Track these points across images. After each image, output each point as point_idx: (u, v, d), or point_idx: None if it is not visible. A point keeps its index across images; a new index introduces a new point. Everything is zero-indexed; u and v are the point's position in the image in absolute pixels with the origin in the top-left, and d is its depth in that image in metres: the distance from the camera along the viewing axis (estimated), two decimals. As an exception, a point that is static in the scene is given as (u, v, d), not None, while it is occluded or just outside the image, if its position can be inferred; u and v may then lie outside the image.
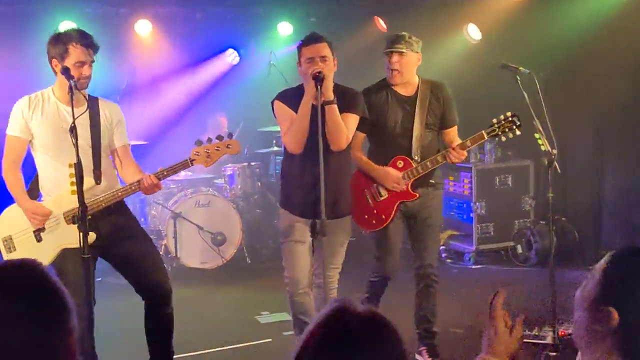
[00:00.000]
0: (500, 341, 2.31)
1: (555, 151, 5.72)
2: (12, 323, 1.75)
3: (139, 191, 4.83)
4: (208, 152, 4.82)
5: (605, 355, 2.03)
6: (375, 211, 5.56)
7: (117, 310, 6.73)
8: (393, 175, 5.48)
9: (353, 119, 5.12)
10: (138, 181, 4.75)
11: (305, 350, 1.71)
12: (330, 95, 4.91)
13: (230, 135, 4.88)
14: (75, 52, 4.64)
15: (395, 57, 5.48)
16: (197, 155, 4.81)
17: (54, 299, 1.84)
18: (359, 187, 5.58)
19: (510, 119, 5.53)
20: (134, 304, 5.08)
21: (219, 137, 4.84)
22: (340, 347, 1.69)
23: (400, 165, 5.52)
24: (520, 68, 5.89)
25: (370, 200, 5.59)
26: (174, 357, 5.16)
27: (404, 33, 5.56)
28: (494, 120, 5.55)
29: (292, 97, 5.12)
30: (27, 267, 1.87)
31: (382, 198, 5.56)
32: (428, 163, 5.47)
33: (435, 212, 5.71)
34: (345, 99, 5.09)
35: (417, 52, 5.57)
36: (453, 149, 5.43)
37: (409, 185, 5.51)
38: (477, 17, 9.06)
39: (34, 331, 1.77)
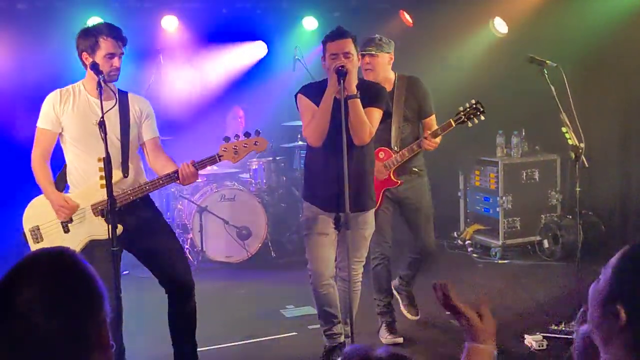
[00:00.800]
0: (478, 328, 2.33)
1: (582, 145, 5.70)
2: (48, 309, 1.77)
3: (176, 182, 4.88)
4: (236, 149, 4.87)
5: (620, 353, 1.99)
6: None
7: (143, 303, 6.76)
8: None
9: (377, 113, 5.14)
10: (175, 171, 4.80)
11: None
12: (353, 90, 4.93)
13: (257, 133, 4.91)
14: (105, 45, 4.72)
15: (367, 59, 5.83)
16: (225, 151, 4.86)
17: (88, 287, 1.86)
18: None
19: (474, 105, 5.97)
20: (160, 297, 5.11)
21: (247, 134, 4.89)
22: None
23: (381, 156, 5.97)
24: (547, 61, 5.88)
25: None
26: (199, 350, 5.20)
27: (375, 36, 5.95)
28: (460, 108, 5.99)
29: (315, 91, 5.15)
30: (62, 255, 1.89)
31: None
32: (405, 152, 5.97)
33: (421, 196, 6.17)
34: (369, 94, 5.12)
35: (389, 52, 5.95)
36: (426, 137, 5.93)
37: (391, 174, 6.01)
38: (503, 11, 8.99)
39: (69, 317, 1.79)
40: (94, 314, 1.85)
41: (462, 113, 5.94)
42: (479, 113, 5.95)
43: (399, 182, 6.02)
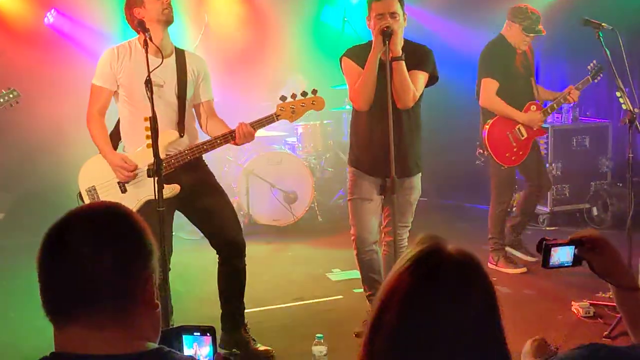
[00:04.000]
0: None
1: (637, 110, 5.59)
2: (98, 248, 1.81)
3: (231, 142, 4.84)
4: (293, 108, 4.86)
5: None
6: (515, 149, 6.80)
7: (190, 264, 6.84)
8: (539, 118, 6.80)
9: (422, 77, 5.08)
10: (231, 131, 4.78)
11: (392, 291, 1.69)
12: (398, 52, 4.87)
13: (314, 92, 4.88)
14: None
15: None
16: (282, 110, 4.85)
17: (138, 238, 1.89)
18: (502, 129, 6.78)
19: (598, 65, 6.81)
20: (207, 259, 5.14)
21: (304, 94, 4.87)
22: (429, 291, 1.67)
23: (533, 109, 6.83)
24: (603, 24, 5.75)
25: (512, 141, 6.79)
26: (246, 311, 5.23)
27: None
28: (588, 67, 6.87)
29: (360, 53, 5.10)
30: (118, 208, 1.94)
31: (523, 137, 6.82)
32: (555, 104, 6.91)
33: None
34: (416, 57, 5.06)
35: None
36: (571, 91, 6.80)
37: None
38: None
39: (117, 260, 1.81)
40: (141, 265, 1.87)
41: (593, 70, 6.82)
42: (600, 72, 6.83)
43: (545, 131, 7.22)
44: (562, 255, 2.36)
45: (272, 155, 8.75)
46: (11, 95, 6.04)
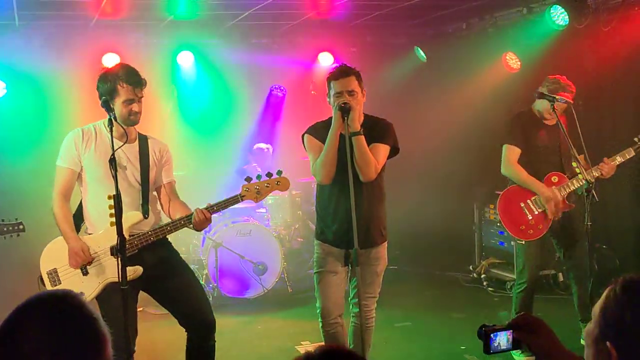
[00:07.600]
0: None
1: (593, 180, 5.73)
2: (54, 352, 1.80)
3: (189, 227, 4.88)
4: (258, 189, 4.92)
5: None
6: (533, 222, 6.19)
7: (157, 340, 6.78)
8: (555, 195, 6.11)
9: (383, 149, 5.18)
10: (187, 216, 4.82)
11: None
12: (357, 127, 4.99)
13: (279, 173, 4.96)
14: (123, 91, 4.73)
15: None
16: (247, 191, 4.90)
17: (93, 329, 1.89)
18: (515, 200, 6.26)
19: None
20: (173, 333, 5.11)
21: (269, 175, 4.93)
22: None
23: (554, 180, 6.22)
24: (557, 97, 5.94)
25: (527, 213, 6.21)
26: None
27: None
28: (636, 139, 6.22)
29: (321, 129, 5.23)
30: (67, 298, 1.93)
31: (540, 210, 6.19)
32: (581, 177, 6.04)
33: (580, 215, 6.22)
34: (376, 130, 5.17)
35: None
36: (606, 163, 6.06)
37: (565, 197, 6.18)
38: (516, 46, 9.04)
39: (72, 358, 1.82)
40: (99, 356, 1.88)
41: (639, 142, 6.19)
42: None
43: (573, 205, 6.17)
44: (502, 340, 2.46)
45: (241, 226, 8.75)
46: (16, 228, 5.87)
